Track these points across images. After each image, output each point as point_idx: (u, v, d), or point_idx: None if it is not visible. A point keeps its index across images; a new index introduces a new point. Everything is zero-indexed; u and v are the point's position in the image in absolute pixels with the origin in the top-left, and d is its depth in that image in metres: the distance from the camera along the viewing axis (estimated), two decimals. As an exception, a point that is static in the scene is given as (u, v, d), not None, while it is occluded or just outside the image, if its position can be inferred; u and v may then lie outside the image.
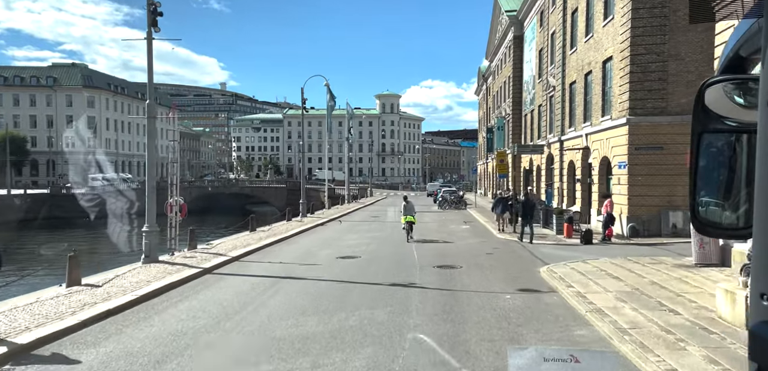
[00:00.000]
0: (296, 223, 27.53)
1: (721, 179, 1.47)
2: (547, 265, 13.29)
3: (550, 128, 30.12)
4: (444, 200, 40.92)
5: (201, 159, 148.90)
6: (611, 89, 20.48)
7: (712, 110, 1.38)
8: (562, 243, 18.13)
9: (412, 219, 19.97)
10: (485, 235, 21.64)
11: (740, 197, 1.39)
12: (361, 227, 26.50)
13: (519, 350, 2.12)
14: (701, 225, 1.48)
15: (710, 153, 1.44)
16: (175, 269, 13.26)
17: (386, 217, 33.44)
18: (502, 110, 46.92)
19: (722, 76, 1.40)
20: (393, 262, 14.69)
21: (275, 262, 14.96)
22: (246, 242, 18.73)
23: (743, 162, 1.38)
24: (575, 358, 2.04)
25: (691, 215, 1.48)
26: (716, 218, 1.47)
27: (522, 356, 2.11)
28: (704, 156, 1.43)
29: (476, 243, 18.72)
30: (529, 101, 37.40)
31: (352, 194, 56.23)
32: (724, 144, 1.43)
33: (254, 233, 21.90)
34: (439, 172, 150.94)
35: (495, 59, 51.84)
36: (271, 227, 24.84)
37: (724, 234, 1.81)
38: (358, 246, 18.28)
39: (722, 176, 1.46)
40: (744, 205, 1.37)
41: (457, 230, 23.61)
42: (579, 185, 24.55)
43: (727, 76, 1.40)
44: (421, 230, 23.49)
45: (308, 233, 23.53)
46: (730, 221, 1.43)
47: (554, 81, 28.81)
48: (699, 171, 1.44)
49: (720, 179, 1.47)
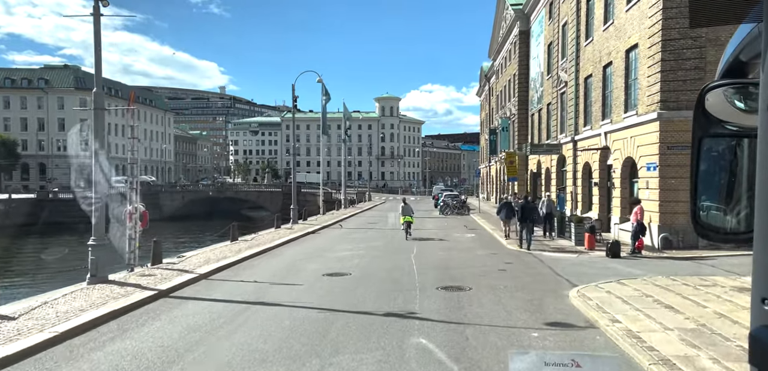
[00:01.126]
0: (285, 231, 25.18)
1: (722, 183, 1.47)
2: (575, 287, 10.95)
3: (562, 127, 27.80)
4: (446, 205, 38.55)
5: (198, 163, 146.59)
6: (637, 81, 18.16)
7: (712, 114, 1.39)
8: (584, 256, 15.79)
9: (411, 219, 21.99)
10: (493, 245, 19.29)
11: (741, 202, 1.38)
12: (356, 235, 24.15)
13: (520, 354, 2.23)
14: (702, 230, 1.48)
15: (711, 158, 1.44)
16: (124, 291, 10.92)
17: (384, 223, 31.08)
18: (506, 109, 44.61)
19: (723, 81, 1.41)
20: (389, 281, 12.35)
21: (249, 281, 12.61)
22: (222, 255, 16.39)
23: (744, 166, 1.38)
24: (576, 363, 2.11)
25: (692, 220, 1.47)
26: (717, 222, 1.45)
27: (523, 360, 2.18)
28: (705, 161, 1.43)
29: (485, 256, 16.37)
30: (536, 99, 35.10)
31: (349, 199, 53.89)
32: (725, 148, 1.44)
33: (235, 243, 19.56)
34: (439, 176, 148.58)
35: (498, 57, 49.55)
36: (256, 235, 22.50)
37: (725, 239, 1.48)
38: (349, 259, 15.95)
39: (723, 180, 1.46)
40: (745, 209, 1.37)
41: (461, 239, 21.26)
42: (596, 190, 22.22)
43: (727, 81, 1.40)
44: (422, 240, 21.16)
45: (296, 242, 21.18)
46: (731, 225, 1.42)
47: (566, 76, 26.51)
48: (700, 176, 1.44)
49: (721, 184, 1.47)
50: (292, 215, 29.76)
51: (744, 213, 1.37)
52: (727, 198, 1.44)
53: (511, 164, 20.36)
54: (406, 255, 16.51)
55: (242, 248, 18.05)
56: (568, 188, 25.55)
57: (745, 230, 1.36)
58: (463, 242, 20.57)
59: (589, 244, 16.52)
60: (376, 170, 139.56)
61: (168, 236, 37.64)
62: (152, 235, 18.63)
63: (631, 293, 10.11)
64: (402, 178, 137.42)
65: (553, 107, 29.52)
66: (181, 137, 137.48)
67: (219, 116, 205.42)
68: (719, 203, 1.46)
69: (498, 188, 50.43)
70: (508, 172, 20.84)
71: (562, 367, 2.09)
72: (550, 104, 30.95)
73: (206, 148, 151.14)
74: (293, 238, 22.16)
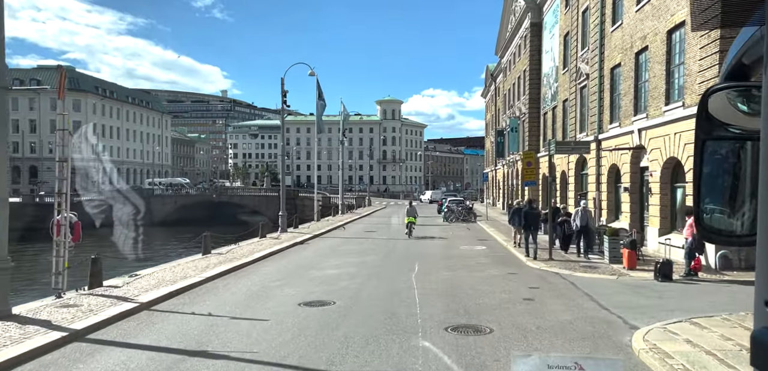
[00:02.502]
0: (270, 241, 22.29)
1: (725, 186, 1.45)
2: (636, 329, 8.01)
3: (581, 125, 24.87)
4: (450, 211, 35.60)
5: (196, 166, 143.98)
6: (684, 66, 15.23)
7: (715, 117, 1.38)
8: (625, 278, 12.83)
9: (414, 220, 24.42)
10: (510, 262, 16.33)
11: (745, 204, 1.38)
12: (350, 246, 21.22)
13: (523, 357, 2.18)
14: (706, 233, 1.48)
15: (714, 160, 1.43)
16: (20, 333, 8.03)
17: (384, 231, 28.16)
18: (515, 109, 41.68)
19: (725, 84, 1.40)
20: (383, 314, 9.44)
21: (201, 313, 9.70)
22: (183, 273, 13.49)
23: (747, 169, 1.36)
24: (580, 366, 2.09)
25: (696, 223, 1.47)
26: (721, 225, 1.45)
27: (526, 363, 2.16)
28: (708, 163, 1.41)
29: (502, 277, 13.42)
30: (549, 96, 32.19)
31: (348, 204, 51.01)
32: (728, 151, 1.43)
33: (206, 257, 16.67)
34: (441, 180, 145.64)
35: (506, 54, 46.65)
36: (234, 247, 19.57)
37: (729, 242, 1.55)
38: (337, 280, 13.04)
39: (726, 183, 1.45)
40: (748, 212, 1.36)
41: (471, 254, 18.31)
42: (626, 196, 19.26)
43: (730, 84, 1.40)
44: (425, 254, 18.24)
45: (279, 256, 18.26)
46: (734, 228, 1.42)
47: (588, 68, 23.60)
48: (703, 179, 1.43)
49: (724, 187, 1.46)
50: (280, 222, 26.90)
51: (748, 216, 1.36)
52: (731, 201, 1.44)
53: (529, 166, 17.45)
54: (405, 275, 13.59)
55: (212, 264, 15.15)
56: (590, 194, 22.60)
57: (749, 233, 1.36)
58: (472, 257, 17.63)
59: (629, 262, 13.56)
60: (377, 174, 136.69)
61: (147, 246, 34.82)
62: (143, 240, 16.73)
63: (719, 343, 7.17)
64: (404, 182, 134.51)
65: (570, 103, 26.59)
66: (179, 140, 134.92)
67: (219, 119, 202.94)
68: (723, 206, 1.45)
69: (506, 193, 47.46)
70: (525, 175, 17.91)
71: (565, 370, 2.08)
72: (566, 100, 28.03)
73: (203, 150, 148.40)
74: (277, 250, 19.25)
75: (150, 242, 38.24)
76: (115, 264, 17.81)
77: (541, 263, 15.10)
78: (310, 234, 25.58)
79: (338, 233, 27.82)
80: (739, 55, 1.44)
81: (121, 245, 18.19)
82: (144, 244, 38.81)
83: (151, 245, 32.16)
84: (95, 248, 14.73)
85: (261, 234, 23.68)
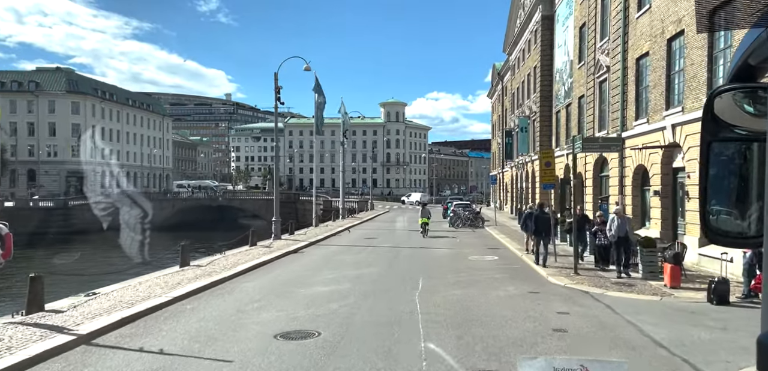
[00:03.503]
0: (261, 250, 20.31)
1: (731, 187, 1.45)
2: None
3: (600, 123, 22.79)
4: (456, 216, 33.53)
5: (198, 169, 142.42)
6: (730, 50, 13.16)
7: (721, 118, 1.38)
8: (671, 300, 10.74)
9: (427, 220, 26.88)
10: (528, 277, 14.25)
11: (751, 206, 1.37)
12: (347, 256, 19.21)
13: (529, 360, 2.22)
14: (712, 234, 1.46)
15: (720, 162, 1.42)
16: None
17: (385, 238, 26.14)
18: (524, 108, 39.59)
19: (731, 85, 1.39)
20: (378, 352, 7.43)
21: (150, 351, 7.71)
22: (146, 293, 11.51)
23: (753, 170, 1.36)
24: (585, 368, 2.09)
25: (702, 224, 1.46)
26: (727, 226, 1.44)
27: (532, 365, 2.20)
28: (714, 165, 1.41)
29: (522, 297, 11.37)
30: (563, 93, 30.12)
31: (349, 208, 49.03)
32: (734, 153, 1.42)
33: (182, 271, 14.70)
34: (446, 183, 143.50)
35: (515, 51, 44.58)
36: (217, 258, 17.58)
37: (735, 243, 1.58)
38: (326, 300, 11.03)
39: (733, 184, 1.44)
40: (755, 213, 1.35)
41: (482, 266, 16.26)
42: (656, 201, 17.17)
43: (736, 85, 1.39)
44: (430, 265, 16.20)
45: (266, 268, 16.25)
46: (740, 229, 1.41)
47: (608, 60, 21.53)
48: (709, 180, 1.42)
49: (730, 188, 1.45)
50: (273, 229, 24.91)
51: (754, 217, 1.35)
52: (737, 202, 1.43)
53: (548, 166, 15.39)
54: (407, 294, 11.57)
55: (186, 280, 13.17)
56: (612, 198, 20.51)
57: (755, 234, 1.36)
58: (484, 269, 15.56)
59: (672, 279, 11.48)
60: (381, 177, 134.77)
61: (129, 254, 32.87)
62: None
63: None
64: (408, 185, 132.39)
65: (587, 99, 24.50)
66: (180, 143, 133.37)
67: (222, 122, 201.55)
68: (729, 207, 1.44)
69: (514, 196, 45.37)
70: (543, 177, 15.84)
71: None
72: (582, 96, 25.95)
73: (203, 153, 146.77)
74: (266, 261, 17.25)
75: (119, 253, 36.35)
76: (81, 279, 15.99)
77: (565, 279, 13.03)
78: (305, 242, 23.59)
79: (336, 240, 25.82)
80: (746, 56, 1.39)
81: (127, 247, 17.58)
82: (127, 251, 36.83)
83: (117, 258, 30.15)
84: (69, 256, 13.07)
85: (251, 242, 21.71)
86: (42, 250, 33.49)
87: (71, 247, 41.09)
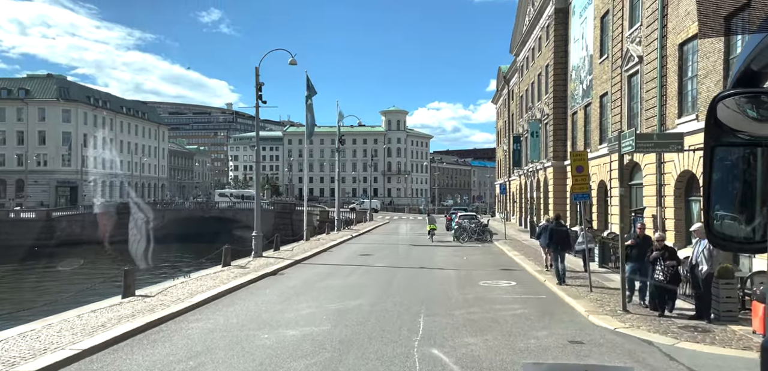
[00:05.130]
0: (234, 271, 17.22)
1: (735, 192, 1.46)
2: None
3: (630, 122, 19.73)
4: (462, 229, 30.38)
5: (195, 179, 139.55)
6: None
7: (724, 123, 1.38)
8: None
9: (434, 226, 30.27)
10: (563, 314, 11.09)
11: (755, 211, 1.38)
12: (334, 280, 16.08)
13: (534, 366, 2.34)
14: (716, 239, 1.47)
15: (724, 167, 1.42)
16: None
17: (382, 256, 23.02)
18: (535, 111, 36.53)
19: (734, 90, 1.40)
20: None
21: None
22: (46, 342, 8.43)
23: (757, 175, 1.37)
24: None
25: (706, 229, 1.48)
26: (731, 231, 1.45)
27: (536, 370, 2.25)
28: (718, 170, 1.42)
29: (560, 349, 8.23)
30: (580, 92, 27.09)
31: (346, 219, 45.96)
32: (738, 157, 1.43)
33: (122, 304, 11.61)
34: (448, 193, 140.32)
35: (523, 50, 41.59)
36: (173, 284, 14.43)
37: (739, 248, 1.51)
38: (292, 353, 7.94)
39: (736, 189, 1.45)
40: (758, 218, 1.37)
41: (498, 296, 13.11)
42: (707, 213, 14.05)
43: (739, 90, 1.40)
44: (433, 295, 13.04)
45: (229, 299, 13.09)
46: (744, 234, 1.42)
47: (640, 49, 18.51)
48: (713, 185, 1.43)
49: (734, 193, 1.46)
50: (254, 245, 21.88)
51: (758, 222, 1.37)
52: (741, 207, 1.43)
53: (580, 171, 12.32)
54: (403, 343, 8.44)
55: (116, 319, 10.08)
56: (647, 211, 17.39)
57: (760, 240, 1.38)
58: (501, 302, 12.41)
59: (764, 325, 8.35)
60: (382, 186, 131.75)
61: (92, 273, 29.87)
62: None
63: None
64: (409, 195, 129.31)
65: (612, 97, 21.45)
66: (176, 152, 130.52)
67: (221, 130, 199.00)
68: (733, 213, 1.44)
69: (523, 207, 42.23)
70: (575, 186, 12.70)
71: None
72: (605, 94, 22.92)
73: (198, 163, 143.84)
74: (233, 288, 14.11)
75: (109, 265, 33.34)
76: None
77: (611, 319, 9.89)
78: (289, 260, 20.48)
79: (325, 257, 22.72)
80: (748, 61, 1.40)
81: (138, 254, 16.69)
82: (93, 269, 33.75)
83: (99, 272, 27.20)
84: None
85: (224, 261, 18.61)
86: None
87: (34, 266, 38.08)
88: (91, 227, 59.36)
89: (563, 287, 13.50)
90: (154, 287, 13.91)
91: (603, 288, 13.22)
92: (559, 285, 13.56)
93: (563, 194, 28.86)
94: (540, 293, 13.38)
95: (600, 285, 13.61)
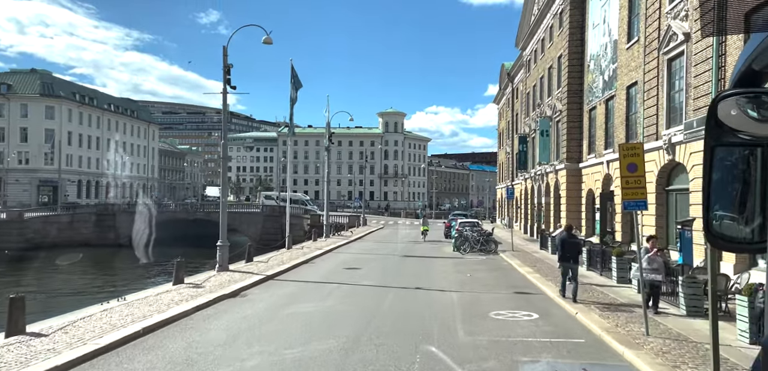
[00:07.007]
0: (184, 292, 13.79)
1: (735, 192, 1.45)
2: None
3: (671, 115, 16.41)
4: (462, 238, 26.94)
5: (186, 179, 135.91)
6: None
7: (725, 123, 1.39)
8: None
9: (427, 228, 35.40)
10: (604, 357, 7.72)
11: (755, 211, 1.39)
12: (305, 306, 12.63)
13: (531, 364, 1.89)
14: (715, 239, 1.47)
15: (724, 167, 1.43)
16: None
17: (371, 270, 19.59)
18: (544, 108, 33.18)
19: (735, 90, 1.41)
20: None
21: None
22: None
23: (757, 176, 1.38)
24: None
25: (705, 230, 1.48)
26: (730, 232, 1.44)
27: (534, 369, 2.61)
28: (718, 170, 1.42)
29: None
30: (600, 85, 23.77)
31: (336, 224, 42.57)
32: (738, 158, 1.43)
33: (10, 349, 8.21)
34: (446, 197, 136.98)
35: (531, 43, 38.28)
36: (89, 314, 10.99)
37: (738, 249, 1.51)
38: None
39: (736, 189, 1.45)
40: (758, 219, 1.37)
41: (517, 337, 9.69)
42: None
43: (739, 90, 1.40)
44: (431, 329, 9.53)
45: (154, 338, 9.64)
46: (744, 235, 1.42)
47: (686, 25, 15.19)
48: (713, 185, 1.43)
49: (734, 193, 1.45)
50: (218, 256, 18.44)
51: (757, 223, 1.37)
52: (741, 208, 1.44)
53: (633, 171, 9.07)
54: None
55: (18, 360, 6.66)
56: (697, 223, 14.06)
57: (759, 240, 1.38)
58: (525, 348, 9.00)
59: None
60: (378, 189, 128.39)
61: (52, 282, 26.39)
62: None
63: None
64: (406, 198, 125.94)
65: (646, 85, 18.11)
66: (167, 152, 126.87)
67: (215, 131, 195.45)
68: (732, 213, 1.45)
69: (529, 213, 38.87)
70: (626, 191, 9.44)
71: None
72: (634, 84, 19.61)
73: (187, 163, 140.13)
74: (164, 321, 10.65)
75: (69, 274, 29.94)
76: None
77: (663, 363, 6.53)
78: (258, 276, 17.07)
79: (304, 272, 19.29)
80: (749, 60, 1.39)
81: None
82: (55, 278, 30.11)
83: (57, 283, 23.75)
84: None
85: (176, 278, 15.19)
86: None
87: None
88: (69, 228, 55.79)
89: (602, 322, 10.13)
90: (59, 318, 10.45)
91: (661, 331, 9.82)
92: (565, 299, 12.87)
93: (578, 199, 25.54)
94: (575, 334, 9.95)
95: (658, 328, 10.19)
